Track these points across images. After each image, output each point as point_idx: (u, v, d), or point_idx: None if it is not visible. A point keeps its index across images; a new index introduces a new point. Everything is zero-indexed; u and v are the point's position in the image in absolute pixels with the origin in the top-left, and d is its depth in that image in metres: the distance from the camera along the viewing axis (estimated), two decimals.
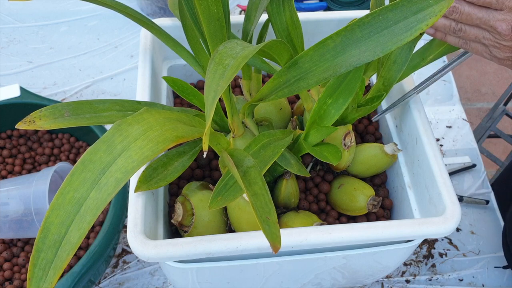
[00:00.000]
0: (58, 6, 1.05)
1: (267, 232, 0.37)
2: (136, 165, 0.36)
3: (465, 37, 0.47)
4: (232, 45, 0.41)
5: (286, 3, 0.52)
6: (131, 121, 0.39)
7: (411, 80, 0.59)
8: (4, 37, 0.99)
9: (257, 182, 0.42)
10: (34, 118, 0.43)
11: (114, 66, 0.95)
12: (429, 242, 0.74)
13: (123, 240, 0.72)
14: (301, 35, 0.53)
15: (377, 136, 0.66)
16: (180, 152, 0.51)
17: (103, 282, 0.68)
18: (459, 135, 0.88)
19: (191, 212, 0.51)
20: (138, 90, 0.56)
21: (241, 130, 0.52)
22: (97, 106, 0.47)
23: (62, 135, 0.77)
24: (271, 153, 0.47)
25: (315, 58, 0.43)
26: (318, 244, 0.45)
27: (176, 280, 0.55)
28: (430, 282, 0.70)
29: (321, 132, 0.49)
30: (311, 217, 0.53)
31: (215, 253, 0.44)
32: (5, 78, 0.92)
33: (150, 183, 0.46)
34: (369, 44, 0.41)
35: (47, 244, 0.34)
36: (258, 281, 0.56)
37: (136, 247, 0.44)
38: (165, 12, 1.00)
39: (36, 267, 0.34)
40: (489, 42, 0.45)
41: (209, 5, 0.43)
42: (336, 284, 0.62)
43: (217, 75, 0.37)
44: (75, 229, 0.35)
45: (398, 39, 0.40)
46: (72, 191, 0.35)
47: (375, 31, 0.41)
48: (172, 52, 0.60)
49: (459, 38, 0.48)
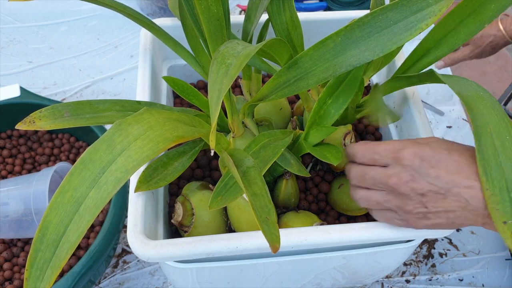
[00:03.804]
0: (58, 6, 1.05)
1: (266, 233, 0.37)
2: (136, 164, 0.36)
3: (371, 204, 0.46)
4: (233, 45, 0.41)
5: (286, 3, 0.52)
6: (131, 121, 0.39)
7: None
8: (4, 37, 0.99)
9: (257, 182, 0.42)
10: (34, 118, 0.43)
11: (114, 66, 0.95)
12: (429, 242, 0.74)
13: (123, 240, 0.72)
14: (301, 35, 0.53)
15: (377, 136, 0.66)
16: (180, 152, 0.51)
17: (103, 282, 0.68)
18: (459, 135, 0.88)
19: (191, 212, 0.51)
20: (138, 90, 0.56)
21: (241, 130, 0.52)
22: (97, 106, 0.47)
23: (62, 135, 0.77)
24: (271, 153, 0.47)
25: (315, 57, 0.43)
26: (318, 244, 0.45)
27: (176, 280, 0.55)
28: (430, 282, 0.70)
29: (321, 132, 0.49)
30: (311, 217, 0.53)
31: (215, 253, 0.44)
32: (5, 78, 0.92)
33: (150, 183, 0.46)
34: (369, 44, 0.41)
35: (45, 243, 0.34)
36: (258, 281, 0.56)
37: (136, 247, 0.44)
38: (165, 12, 1.00)
39: (33, 267, 0.34)
40: (392, 204, 0.44)
41: (209, 5, 0.43)
42: (336, 284, 0.62)
43: (220, 74, 0.37)
44: (74, 228, 0.34)
45: (398, 39, 0.40)
46: (71, 190, 0.35)
47: (375, 31, 0.41)
48: (172, 52, 0.60)
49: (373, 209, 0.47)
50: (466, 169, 0.42)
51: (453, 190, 0.42)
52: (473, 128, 0.41)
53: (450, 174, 0.42)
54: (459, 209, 0.42)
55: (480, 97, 0.43)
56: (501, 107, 0.42)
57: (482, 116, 0.41)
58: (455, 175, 0.42)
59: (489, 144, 0.40)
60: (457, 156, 0.43)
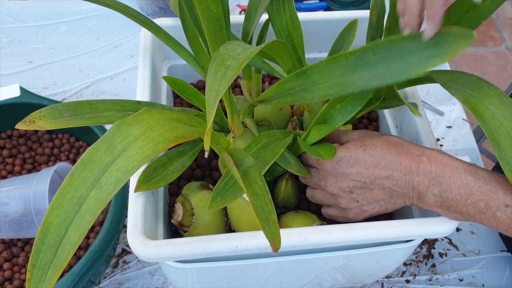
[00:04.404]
0: (58, 6, 1.05)
1: (267, 232, 0.37)
2: (136, 164, 0.36)
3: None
4: (233, 46, 0.41)
5: (286, 3, 0.52)
6: (131, 121, 0.39)
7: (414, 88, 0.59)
8: (4, 37, 0.99)
9: (257, 182, 0.42)
10: (34, 118, 0.43)
11: (114, 66, 0.95)
12: (429, 242, 0.74)
13: (123, 240, 0.72)
14: (301, 35, 0.53)
15: None
16: (180, 152, 0.51)
17: (103, 282, 0.68)
18: (459, 135, 0.88)
19: (191, 212, 0.51)
20: (138, 90, 0.56)
21: (241, 130, 0.52)
22: (97, 106, 0.47)
23: (62, 135, 0.77)
24: (271, 153, 0.47)
25: (325, 71, 0.43)
26: (318, 244, 0.46)
27: (176, 280, 0.55)
28: (430, 282, 0.70)
29: (320, 131, 0.49)
30: (311, 217, 0.53)
31: (215, 253, 0.44)
32: (5, 78, 0.92)
33: (150, 183, 0.46)
34: (380, 69, 0.40)
35: (47, 244, 0.34)
36: (258, 281, 0.56)
37: (136, 247, 0.44)
38: (165, 12, 1.00)
39: (35, 268, 0.34)
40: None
41: (208, 5, 0.43)
42: (336, 284, 0.62)
43: (219, 75, 0.37)
44: (75, 229, 0.34)
45: (410, 70, 0.39)
46: (72, 190, 0.35)
47: (388, 58, 0.40)
48: (172, 52, 0.60)
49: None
50: (382, 161, 0.46)
51: (376, 182, 0.46)
52: (487, 134, 0.41)
53: (369, 168, 0.46)
54: (387, 196, 0.47)
55: (485, 94, 0.42)
56: (509, 98, 0.41)
57: (493, 117, 0.41)
58: (373, 169, 0.46)
59: (510, 146, 0.40)
60: (372, 150, 0.46)
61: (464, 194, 0.43)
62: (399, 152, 0.46)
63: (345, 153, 0.47)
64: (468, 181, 0.43)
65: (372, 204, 0.48)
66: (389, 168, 0.45)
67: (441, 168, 0.44)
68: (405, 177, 0.45)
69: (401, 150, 0.46)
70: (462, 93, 0.42)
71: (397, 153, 0.46)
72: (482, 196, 0.42)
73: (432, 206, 0.45)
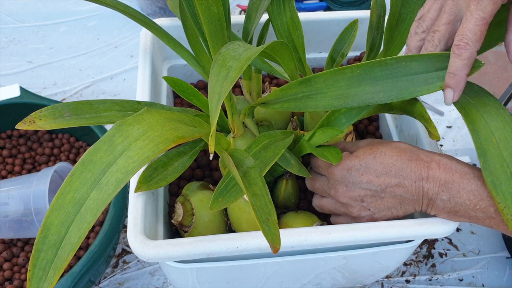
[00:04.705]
0: (58, 6, 1.05)
1: (266, 233, 0.37)
2: (136, 165, 0.36)
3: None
4: (234, 47, 0.40)
5: (286, 3, 0.52)
6: (131, 122, 0.39)
7: None
8: (4, 37, 0.99)
9: (257, 182, 0.42)
10: (34, 118, 0.43)
11: (114, 66, 0.95)
12: (429, 242, 0.74)
13: (123, 240, 0.72)
14: (302, 35, 0.53)
15: (377, 136, 0.66)
16: (180, 152, 0.50)
17: (103, 282, 0.68)
18: (459, 135, 0.88)
19: (191, 212, 0.51)
20: (138, 90, 0.56)
21: (241, 130, 0.52)
22: (97, 106, 0.47)
23: (62, 135, 0.77)
24: (271, 154, 0.47)
25: (329, 81, 0.43)
26: (318, 244, 0.45)
27: (176, 280, 0.55)
28: (430, 282, 0.70)
29: (326, 134, 0.49)
30: (311, 217, 0.53)
31: (215, 253, 0.44)
32: (5, 78, 0.92)
33: (150, 183, 0.46)
34: (386, 86, 0.40)
35: (47, 244, 0.34)
36: (258, 281, 0.56)
37: (136, 247, 0.44)
38: (165, 12, 1.00)
39: (36, 267, 0.34)
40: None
41: (209, 5, 0.43)
42: (336, 284, 0.62)
43: (221, 77, 0.37)
44: (75, 229, 0.34)
45: (415, 90, 0.39)
46: (72, 191, 0.35)
47: (394, 75, 0.40)
48: (172, 52, 0.60)
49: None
50: (392, 169, 0.45)
51: (387, 190, 0.46)
52: (475, 142, 0.40)
53: (380, 176, 0.46)
54: (398, 204, 0.47)
55: (483, 102, 0.42)
56: (506, 111, 0.41)
57: (486, 126, 0.41)
58: (384, 176, 0.45)
59: (496, 156, 0.40)
60: (381, 158, 0.46)
61: (473, 200, 0.42)
62: (408, 159, 0.45)
63: (355, 161, 0.47)
64: (477, 186, 0.42)
65: (383, 212, 0.48)
66: (400, 175, 0.45)
67: (451, 174, 0.43)
68: (415, 184, 0.44)
69: (411, 156, 0.45)
70: (460, 98, 0.42)
71: (406, 160, 0.45)
72: (492, 201, 0.42)
73: (440, 211, 0.45)
